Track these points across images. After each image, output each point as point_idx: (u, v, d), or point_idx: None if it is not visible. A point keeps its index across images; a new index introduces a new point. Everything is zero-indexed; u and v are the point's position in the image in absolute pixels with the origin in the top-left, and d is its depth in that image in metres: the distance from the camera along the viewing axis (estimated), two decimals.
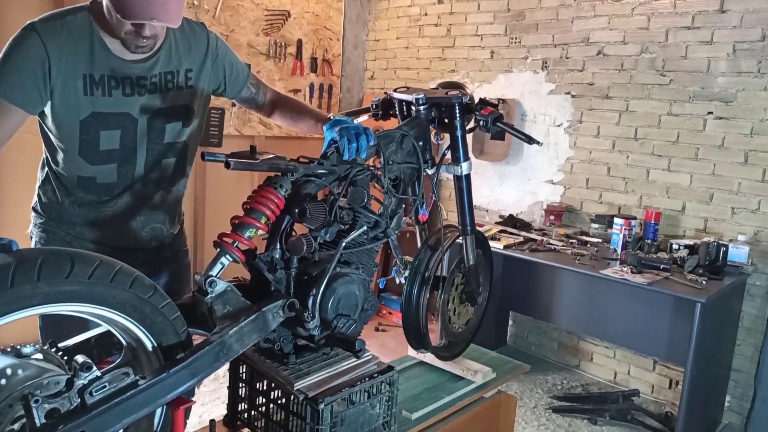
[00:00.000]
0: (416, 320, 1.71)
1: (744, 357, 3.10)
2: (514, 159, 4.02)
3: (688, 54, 3.22)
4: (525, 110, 3.94)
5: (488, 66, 4.14)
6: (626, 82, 3.46)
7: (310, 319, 1.33)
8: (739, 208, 3.10)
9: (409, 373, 1.86)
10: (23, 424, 1.00)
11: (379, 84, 4.92)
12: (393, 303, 4.31)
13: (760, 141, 3.00)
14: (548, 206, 3.77)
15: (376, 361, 1.47)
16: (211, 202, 4.06)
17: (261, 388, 1.43)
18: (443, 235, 1.77)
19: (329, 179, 1.45)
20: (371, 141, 1.46)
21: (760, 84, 2.99)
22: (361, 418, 1.37)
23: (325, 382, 1.35)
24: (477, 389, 1.80)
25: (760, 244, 3.02)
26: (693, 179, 3.25)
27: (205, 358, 1.13)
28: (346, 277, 1.43)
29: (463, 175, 1.78)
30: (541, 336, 3.98)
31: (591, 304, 3.38)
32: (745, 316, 3.09)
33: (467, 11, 4.24)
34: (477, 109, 1.74)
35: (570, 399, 3.36)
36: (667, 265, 2.85)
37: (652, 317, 3.09)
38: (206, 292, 1.22)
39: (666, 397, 3.38)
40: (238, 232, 1.28)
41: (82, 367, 0.99)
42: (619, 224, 3.18)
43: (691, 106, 3.22)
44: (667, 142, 3.32)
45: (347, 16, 4.79)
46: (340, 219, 1.43)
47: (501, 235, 3.51)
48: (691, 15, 3.19)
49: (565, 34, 3.71)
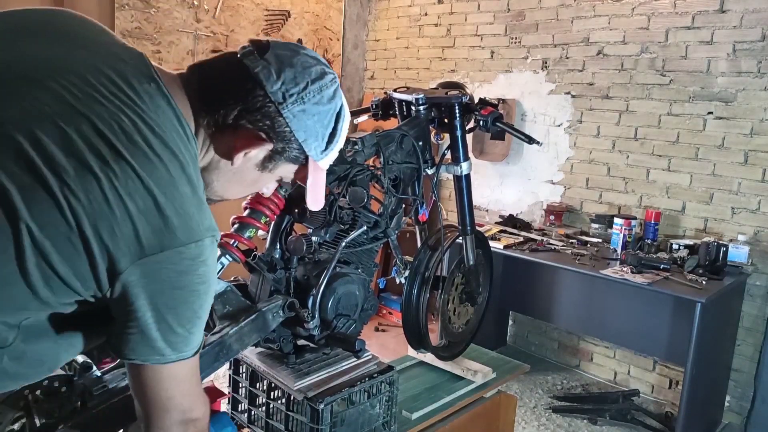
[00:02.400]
0: (416, 320, 1.71)
1: (744, 357, 3.10)
2: (514, 159, 4.01)
3: (688, 54, 3.22)
4: (525, 110, 3.94)
5: (488, 66, 4.14)
6: (626, 82, 3.46)
7: (310, 319, 1.33)
8: (739, 208, 3.10)
9: (409, 373, 1.86)
10: (23, 424, 1.00)
11: (379, 84, 4.91)
12: (393, 303, 4.31)
13: (760, 141, 3.00)
14: (548, 206, 3.77)
15: (376, 361, 1.47)
16: None
17: (261, 388, 1.43)
18: (443, 235, 1.77)
19: (329, 179, 1.45)
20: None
21: (760, 84, 2.99)
22: (361, 418, 1.37)
23: (325, 382, 1.35)
24: (477, 389, 1.80)
25: (760, 244, 3.02)
26: (693, 179, 3.25)
27: (205, 358, 1.13)
28: (346, 277, 1.43)
29: (463, 175, 1.78)
30: (541, 336, 3.98)
31: (591, 304, 3.37)
32: (745, 316, 3.08)
33: (467, 11, 4.24)
34: (477, 109, 1.75)
35: (570, 399, 3.36)
36: (667, 265, 2.85)
37: (652, 317, 3.09)
38: None
39: (666, 397, 3.38)
40: (238, 232, 1.28)
41: (82, 367, 0.99)
42: (619, 224, 3.18)
43: (691, 106, 3.22)
44: (667, 142, 3.32)
45: (347, 16, 4.79)
46: (340, 219, 1.43)
47: (501, 235, 3.51)
48: (691, 15, 3.19)
49: (565, 34, 3.71)
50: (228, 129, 0.87)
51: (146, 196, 0.75)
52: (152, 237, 0.75)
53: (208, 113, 0.87)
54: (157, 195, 0.76)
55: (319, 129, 0.91)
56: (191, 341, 0.83)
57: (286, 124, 0.88)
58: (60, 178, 0.72)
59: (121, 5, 3.48)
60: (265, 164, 0.92)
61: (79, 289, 0.77)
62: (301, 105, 0.88)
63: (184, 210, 0.78)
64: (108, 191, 0.73)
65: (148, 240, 0.75)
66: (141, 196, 0.75)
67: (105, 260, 0.74)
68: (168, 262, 0.77)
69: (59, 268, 0.73)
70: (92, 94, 0.78)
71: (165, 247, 0.76)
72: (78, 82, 0.78)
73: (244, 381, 1.46)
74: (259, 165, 0.92)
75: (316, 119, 0.90)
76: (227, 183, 0.94)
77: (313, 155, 0.93)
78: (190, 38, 3.80)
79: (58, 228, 0.72)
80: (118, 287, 0.76)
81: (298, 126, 0.89)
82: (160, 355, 0.80)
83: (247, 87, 0.86)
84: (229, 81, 0.87)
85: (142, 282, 0.76)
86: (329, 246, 1.48)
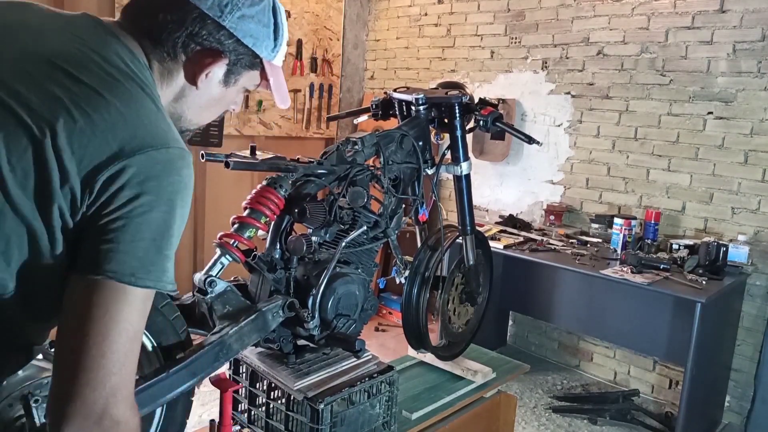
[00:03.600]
0: (416, 320, 1.71)
1: (744, 357, 3.10)
2: (514, 159, 4.01)
3: (688, 54, 3.22)
4: (525, 110, 3.94)
5: (488, 66, 4.14)
6: (626, 82, 3.46)
7: (310, 319, 1.33)
8: (739, 208, 3.10)
9: (409, 373, 1.86)
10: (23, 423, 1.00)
11: (379, 84, 4.92)
12: (393, 303, 4.31)
13: (760, 141, 3.00)
14: (548, 206, 3.77)
15: (376, 361, 1.47)
16: (211, 202, 4.06)
17: (261, 388, 1.43)
18: (443, 235, 1.77)
19: (329, 179, 1.45)
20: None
21: (760, 84, 2.99)
22: (361, 418, 1.37)
23: (325, 382, 1.35)
24: (477, 389, 1.80)
25: (760, 244, 3.02)
26: (693, 179, 3.25)
27: (205, 358, 1.13)
28: (346, 277, 1.43)
29: (462, 175, 1.78)
30: (541, 336, 3.98)
31: (591, 304, 3.37)
32: (745, 316, 3.08)
33: (467, 11, 4.24)
34: (477, 109, 1.75)
35: (570, 399, 3.36)
36: (667, 265, 2.85)
37: (652, 317, 3.09)
38: (206, 292, 1.22)
39: (666, 397, 3.38)
40: (238, 232, 1.28)
41: None
42: (619, 224, 3.18)
43: (691, 106, 3.22)
44: (667, 142, 3.32)
45: (347, 16, 4.79)
46: (340, 219, 1.43)
47: (501, 235, 3.51)
48: (691, 15, 3.19)
49: (565, 34, 3.71)
50: (180, 57, 0.91)
51: (111, 108, 0.78)
52: (123, 144, 0.77)
53: (156, 47, 0.90)
54: (120, 107, 0.78)
55: (261, 29, 0.95)
56: (158, 264, 0.80)
57: (230, 34, 0.91)
58: (26, 107, 0.75)
59: (121, 5, 3.48)
60: (227, 79, 0.96)
61: (62, 206, 0.76)
62: (238, 11, 0.91)
63: (149, 120, 0.81)
64: (73, 109, 0.75)
65: (120, 147, 0.76)
66: (105, 109, 0.77)
67: (78, 174, 0.75)
68: (141, 166, 0.77)
69: (36, 190, 0.75)
70: (45, 35, 0.84)
71: (136, 150, 0.77)
72: (31, 36, 0.84)
73: (244, 381, 1.46)
74: (222, 81, 0.96)
75: (256, 20, 0.93)
76: (198, 108, 0.98)
77: (265, 56, 0.97)
78: None
79: (27, 152, 0.74)
80: (92, 197, 0.76)
81: (243, 32, 0.92)
82: (121, 266, 0.77)
83: (183, 12, 0.89)
84: (165, 12, 0.89)
85: (114, 189, 0.76)
86: (329, 246, 1.48)
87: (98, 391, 0.75)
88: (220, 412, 1.32)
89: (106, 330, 0.76)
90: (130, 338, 0.78)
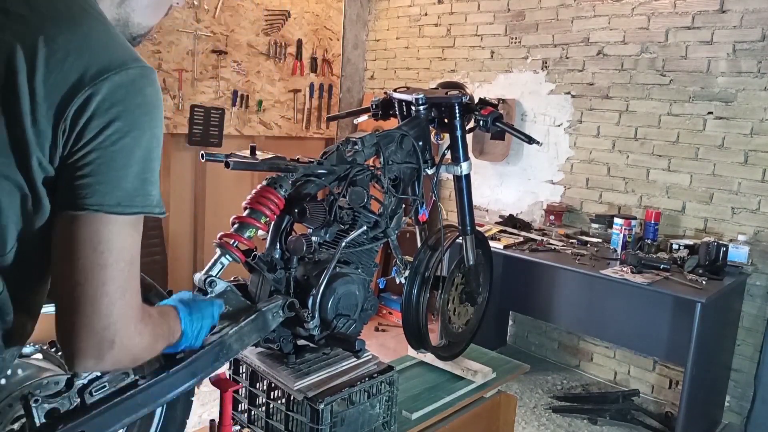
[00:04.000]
0: (416, 320, 1.71)
1: (744, 357, 3.10)
2: (514, 159, 4.02)
3: (688, 54, 3.22)
4: (525, 110, 3.94)
5: (488, 66, 4.14)
6: (626, 82, 3.46)
7: (310, 319, 1.33)
8: (739, 208, 3.10)
9: (409, 373, 1.86)
10: (23, 423, 1.00)
11: (379, 84, 4.92)
12: (393, 303, 4.31)
13: (760, 141, 3.00)
14: (548, 206, 3.77)
15: (376, 361, 1.47)
16: (211, 202, 4.06)
17: (261, 388, 1.43)
18: (443, 235, 1.77)
19: (329, 179, 1.45)
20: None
21: (760, 84, 2.99)
22: (361, 418, 1.37)
23: (324, 382, 1.35)
24: (477, 389, 1.80)
25: (760, 244, 3.02)
26: (693, 179, 3.25)
27: (205, 358, 1.13)
28: (346, 277, 1.43)
29: (462, 175, 1.78)
30: (541, 336, 3.98)
31: (591, 304, 3.38)
32: (745, 316, 3.08)
33: (467, 11, 4.24)
34: (477, 109, 1.75)
35: (570, 399, 3.36)
36: (667, 265, 2.85)
37: (652, 317, 3.09)
38: (206, 292, 1.22)
39: (666, 397, 3.38)
40: (238, 232, 1.28)
41: None
42: (619, 224, 3.18)
43: (691, 106, 3.22)
44: (667, 142, 3.32)
45: (347, 16, 4.80)
46: (340, 219, 1.43)
47: (501, 235, 3.51)
48: (691, 15, 3.19)
49: (565, 34, 3.71)
50: None
51: (60, 38, 0.76)
52: (82, 72, 0.75)
53: None
54: (70, 35, 0.76)
55: None
56: (141, 190, 0.80)
57: None
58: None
59: None
60: None
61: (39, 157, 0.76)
62: None
63: (102, 42, 0.79)
64: (26, 45, 0.74)
65: (80, 76, 0.75)
66: (54, 39, 0.75)
67: (47, 115, 0.74)
68: (106, 92, 0.76)
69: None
70: None
71: (96, 77, 0.75)
72: None
73: (244, 381, 1.46)
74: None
75: None
76: (143, 8, 0.94)
77: None
78: (190, 38, 3.80)
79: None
80: (65, 134, 0.76)
81: None
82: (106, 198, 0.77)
83: None
84: None
85: (83, 121, 0.75)
86: (329, 246, 1.48)
87: (105, 319, 0.77)
88: (220, 412, 1.32)
89: (102, 260, 0.77)
90: (128, 262, 0.79)
